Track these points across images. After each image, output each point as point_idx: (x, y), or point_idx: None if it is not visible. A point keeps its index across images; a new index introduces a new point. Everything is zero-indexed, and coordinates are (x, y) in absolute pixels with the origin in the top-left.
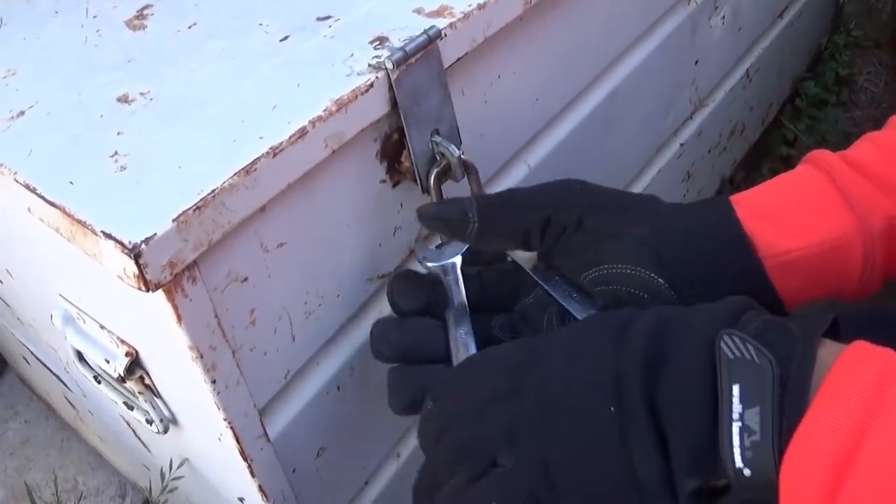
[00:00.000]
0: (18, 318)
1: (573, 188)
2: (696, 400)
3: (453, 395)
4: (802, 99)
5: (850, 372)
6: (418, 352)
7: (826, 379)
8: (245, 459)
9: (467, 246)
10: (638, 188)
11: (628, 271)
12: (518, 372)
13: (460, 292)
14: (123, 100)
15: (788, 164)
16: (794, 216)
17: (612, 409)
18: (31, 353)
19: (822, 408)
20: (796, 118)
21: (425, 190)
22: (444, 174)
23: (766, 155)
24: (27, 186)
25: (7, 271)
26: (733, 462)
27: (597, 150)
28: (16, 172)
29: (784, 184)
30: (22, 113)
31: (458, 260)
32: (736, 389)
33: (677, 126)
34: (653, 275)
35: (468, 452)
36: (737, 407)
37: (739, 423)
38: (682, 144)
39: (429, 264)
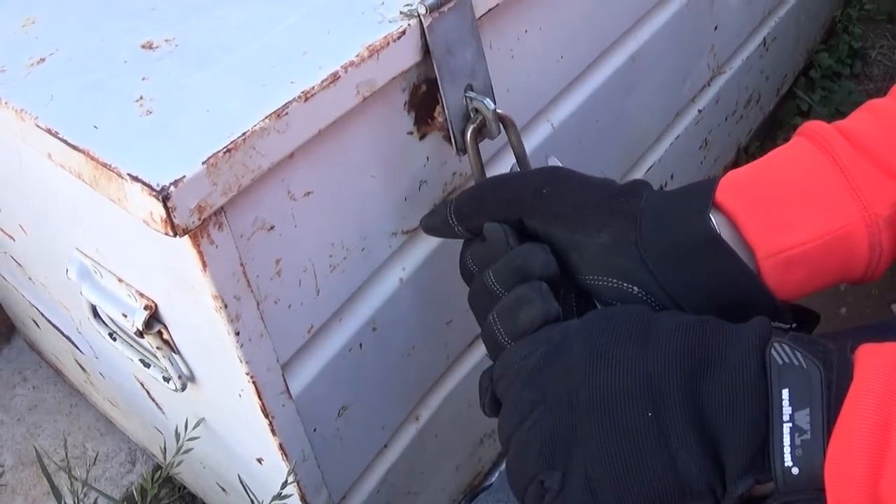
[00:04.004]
0: (30, 278)
1: (539, 192)
2: (749, 404)
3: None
4: (817, 70)
5: (867, 369)
6: None
7: (853, 380)
8: (266, 416)
9: None
10: (657, 154)
11: (599, 282)
12: (543, 377)
13: None
14: (148, 46)
15: None
16: (794, 207)
17: (650, 414)
18: (42, 314)
19: (851, 405)
20: (810, 89)
21: (460, 149)
22: (480, 132)
23: (781, 125)
24: (48, 131)
25: (21, 227)
26: (783, 461)
27: (618, 113)
28: (37, 117)
29: (781, 165)
30: (42, 60)
31: None
32: (786, 393)
33: (696, 92)
34: (623, 283)
35: (515, 479)
36: (787, 409)
37: (790, 424)
38: (700, 111)
39: None
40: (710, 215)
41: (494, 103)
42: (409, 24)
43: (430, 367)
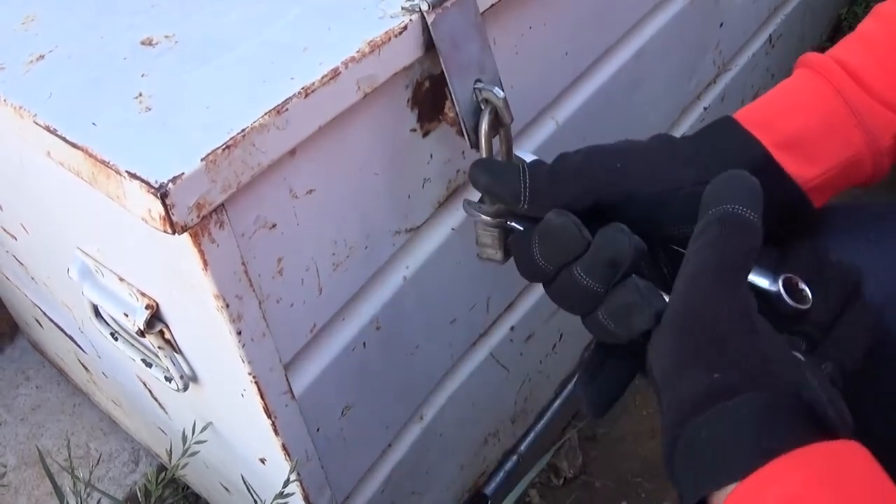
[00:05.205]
0: (32, 278)
1: (615, 167)
2: None
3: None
4: None
5: None
6: None
7: None
8: (269, 417)
9: None
10: None
11: (689, 229)
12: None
13: None
14: (147, 43)
15: None
16: (814, 142)
17: None
18: (44, 314)
19: None
20: None
21: (474, 145)
22: (493, 126)
23: None
24: (47, 128)
25: (22, 226)
26: None
27: (623, 110)
28: (35, 115)
29: (797, 102)
30: (42, 57)
31: None
32: None
33: (701, 89)
34: None
35: None
36: None
37: None
38: (705, 108)
39: None
40: None
41: (503, 91)
42: (410, 20)
43: (435, 366)
